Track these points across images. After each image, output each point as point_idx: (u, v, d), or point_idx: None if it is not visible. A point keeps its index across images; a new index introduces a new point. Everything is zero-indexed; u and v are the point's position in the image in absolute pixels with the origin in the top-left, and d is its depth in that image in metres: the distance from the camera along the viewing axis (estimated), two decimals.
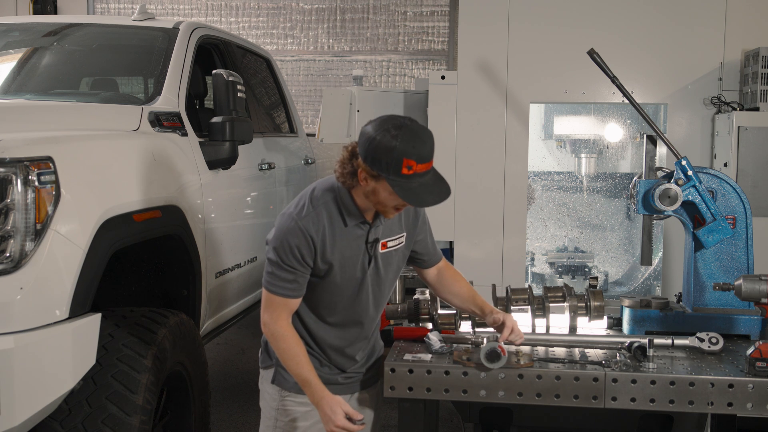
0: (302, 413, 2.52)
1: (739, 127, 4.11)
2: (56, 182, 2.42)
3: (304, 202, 2.45)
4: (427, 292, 3.00)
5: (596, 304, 3.00)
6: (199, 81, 4.03)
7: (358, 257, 2.46)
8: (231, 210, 3.91)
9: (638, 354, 2.60)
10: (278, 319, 2.43)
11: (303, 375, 2.42)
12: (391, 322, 3.01)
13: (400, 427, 2.67)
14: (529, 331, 2.96)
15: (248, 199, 4.20)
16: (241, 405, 4.76)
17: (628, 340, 2.70)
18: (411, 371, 2.54)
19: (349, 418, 2.37)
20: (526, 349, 2.74)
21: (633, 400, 2.48)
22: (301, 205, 2.43)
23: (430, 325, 2.97)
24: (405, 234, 2.58)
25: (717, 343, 2.72)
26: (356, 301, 2.52)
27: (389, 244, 2.54)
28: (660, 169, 3.12)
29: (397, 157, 2.21)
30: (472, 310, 2.75)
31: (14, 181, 2.32)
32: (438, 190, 2.31)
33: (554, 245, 4.80)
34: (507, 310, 2.98)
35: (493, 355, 2.47)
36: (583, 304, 3.01)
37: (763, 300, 2.76)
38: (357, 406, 2.63)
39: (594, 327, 3.04)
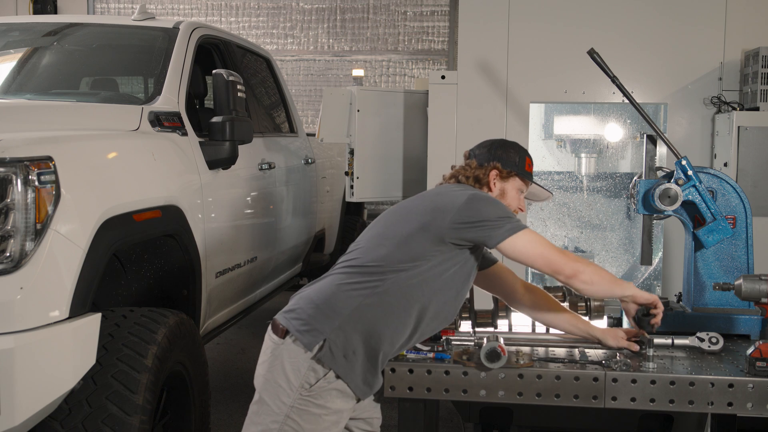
0: (316, 416, 2.38)
1: (739, 127, 4.11)
2: (56, 182, 2.42)
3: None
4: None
5: (596, 303, 3.00)
6: (199, 81, 4.03)
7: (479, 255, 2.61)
8: (231, 210, 3.91)
9: (644, 323, 2.67)
10: (564, 252, 2.49)
11: (627, 288, 2.59)
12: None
13: (400, 427, 2.67)
14: (529, 331, 2.96)
15: (248, 199, 4.20)
16: (241, 405, 4.76)
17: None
18: (411, 371, 2.54)
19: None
20: (526, 349, 2.74)
21: (633, 400, 2.48)
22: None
23: None
24: None
25: (717, 342, 2.72)
26: (459, 296, 2.55)
27: None
28: (660, 168, 3.12)
29: (522, 156, 2.70)
30: (582, 336, 2.83)
31: (14, 181, 2.32)
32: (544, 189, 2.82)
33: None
34: (507, 310, 2.98)
35: (493, 355, 2.47)
36: (583, 304, 3.01)
37: (763, 300, 2.75)
38: (373, 405, 2.63)
39: None
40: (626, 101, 3.30)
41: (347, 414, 2.47)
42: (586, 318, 3.00)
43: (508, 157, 2.67)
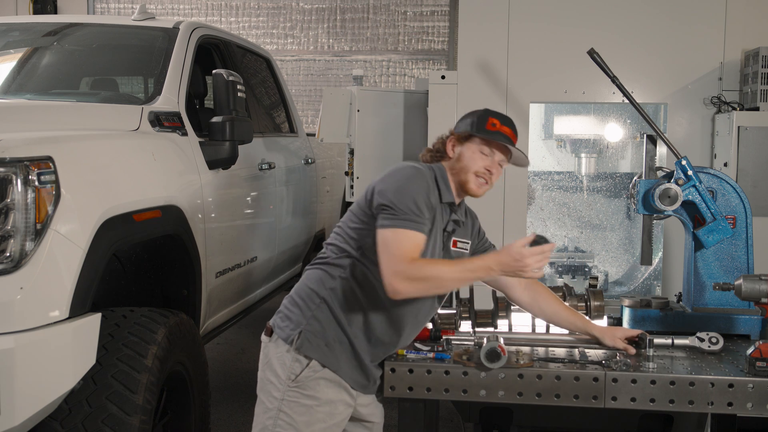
0: (307, 407, 2.42)
1: (739, 127, 4.11)
2: (56, 182, 2.42)
3: (418, 165, 2.51)
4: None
5: (596, 304, 3.00)
6: (199, 81, 4.03)
7: (437, 239, 2.51)
8: (231, 210, 3.91)
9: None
10: (405, 262, 2.29)
11: (468, 273, 2.36)
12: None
13: (400, 427, 2.67)
14: (529, 331, 2.96)
15: (248, 199, 4.20)
16: (241, 405, 4.76)
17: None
18: (411, 371, 2.54)
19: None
20: (526, 349, 2.74)
21: (633, 400, 2.48)
22: (419, 166, 2.48)
23: (430, 325, 2.97)
24: (470, 243, 2.67)
25: (717, 342, 2.72)
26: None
27: (458, 245, 2.61)
28: (660, 168, 3.12)
29: (482, 116, 2.56)
30: (581, 332, 2.81)
31: (14, 181, 2.32)
32: (521, 151, 2.59)
33: None
34: (507, 310, 2.98)
35: (493, 355, 2.47)
36: (584, 304, 3.01)
37: (763, 300, 2.75)
38: (374, 404, 2.64)
39: None
40: (626, 101, 3.30)
41: (342, 407, 2.49)
42: (586, 317, 3.00)
43: (465, 121, 2.59)
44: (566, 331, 2.96)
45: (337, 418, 2.48)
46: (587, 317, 2.96)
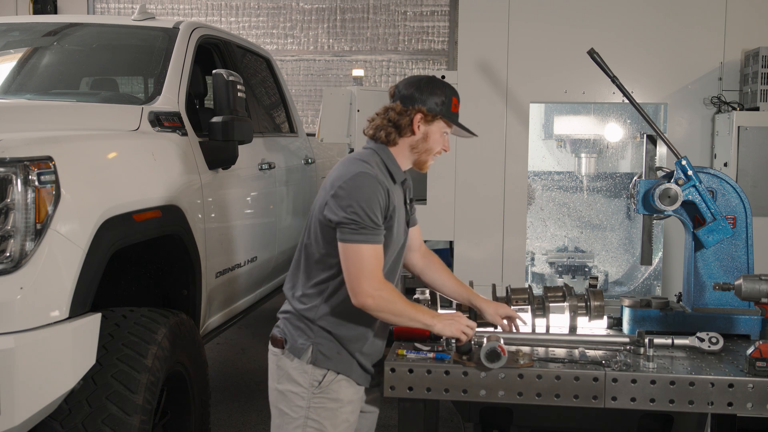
0: (333, 410, 2.50)
1: (739, 127, 4.11)
2: (56, 182, 2.42)
3: (363, 162, 2.47)
4: (428, 292, 3.01)
5: (596, 303, 3.00)
6: (199, 81, 4.03)
7: (402, 218, 2.57)
8: (231, 210, 3.91)
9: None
10: (378, 279, 2.40)
11: (420, 316, 2.48)
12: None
13: (400, 427, 2.67)
14: (529, 331, 2.96)
15: (248, 199, 4.20)
16: (241, 405, 4.76)
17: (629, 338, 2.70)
18: (411, 371, 2.54)
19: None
20: (526, 349, 2.74)
21: (633, 400, 2.48)
22: (365, 165, 2.45)
23: None
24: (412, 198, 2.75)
25: (717, 342, 2.72)
26: (393, 267, 2.59)
27: (412, 207, 2.70)
28: (660, 168, 3.12)
29: (449, 97, 2.57)
30: (464, 303, 2.88)
31: (14, 181, 2.32)
32: (468, 128, 2.66)
33: (554, 245, 4.80)
34: None
35: (493, 355, 2.47)
36: (583, 304, 3.01)
37: (763, 300, 2.75)
38: (369, 400, 2.68)
39: (594, 327, 3.04)
40: (626, 101, 3.30)
41: (359, 404, 2.60)
42: (586, 318, 3.00)
43: (434, 100, 2.55)
44: (566, 331, 2.96)
45: (356, 414, 2.59)
46: (587, 318, 2.97)
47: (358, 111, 4.76)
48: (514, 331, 2.84)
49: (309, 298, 2.52)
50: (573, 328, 2.98)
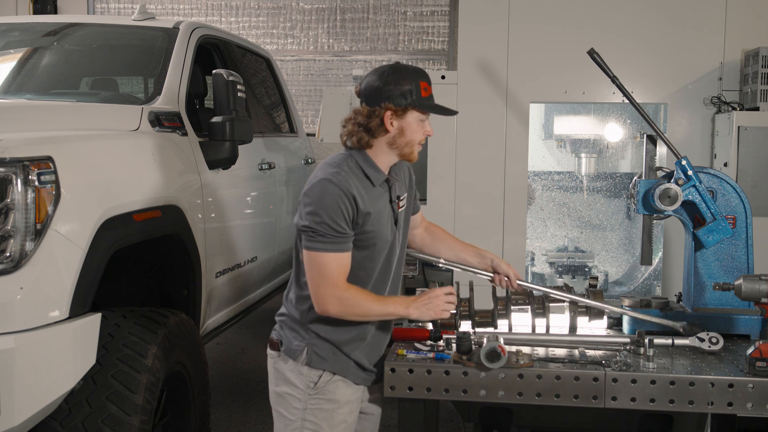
0: (329, 411, 2.48)
1: (739, 127, 4.11)
2: (56, 182, 2.42)
3: (333, 168, 2.41)
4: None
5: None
6: (199, 81, 4.03)
7: (388, 218, 2.51)
8: (231, 210, 3.91)
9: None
10: (339, 286, 2.35)
11: (391, 308, 2.45)
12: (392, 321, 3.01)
13: (400, 427, 2.67)
14: (529, 331, 2.96)
15: (248, 198, 4.20)
16: (241, 405, 4.76)
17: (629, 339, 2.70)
18: (411, 371, 2.54)
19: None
20: (526, 349, 2.74)
21: (633, 400, 2.48)
22: (332, 172, 2.39)
23: (429, 326, 2.97)
24: (407, 194, 2.67)
25: (717, 343, 2.72)
26: (387, 266, 2.55)
27: (401, 203, 2.61)
28: (660, 168, 3.12)
29: (416, 83, 2.42)
30: (470, 259, 2.86)
31: (14, 181, 2.32)
32: (447, 105, 2.51)
33: (554, 245, 4.81)
34: (507, 310, 2.98)
35: (493, 355, 2.46)
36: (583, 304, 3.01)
37: (763, 300, 2.75)
38: (371, 400, 2.66)
39: (594, 327, 3.04)
40: (626, 101, 3.30)
41: (357, 404, 2.57)
42: (586, 318, 3.00)
43: (400, 91, 2.40)
44: (566, 331, 2.96)
45: (354, 414, 2.57)
46: (586, 318, 2.97)
47: None
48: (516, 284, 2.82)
49: (300, 302, 2.51)
50: (573, 329, 2.98)
